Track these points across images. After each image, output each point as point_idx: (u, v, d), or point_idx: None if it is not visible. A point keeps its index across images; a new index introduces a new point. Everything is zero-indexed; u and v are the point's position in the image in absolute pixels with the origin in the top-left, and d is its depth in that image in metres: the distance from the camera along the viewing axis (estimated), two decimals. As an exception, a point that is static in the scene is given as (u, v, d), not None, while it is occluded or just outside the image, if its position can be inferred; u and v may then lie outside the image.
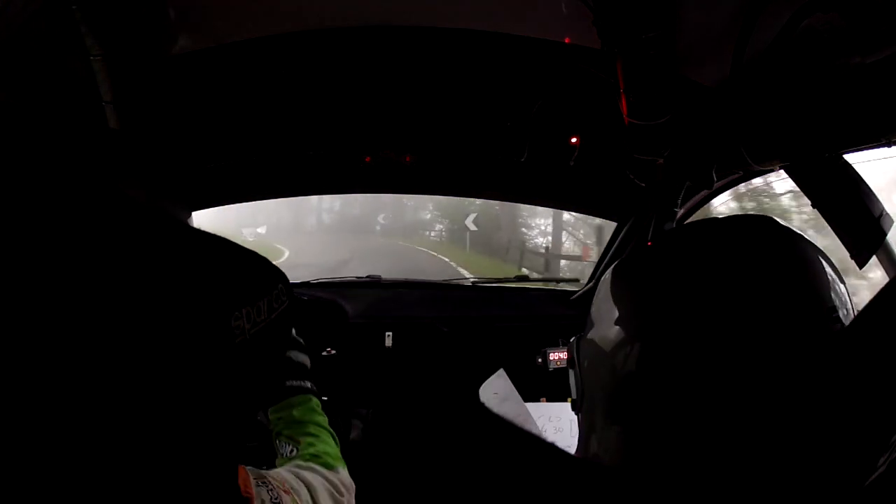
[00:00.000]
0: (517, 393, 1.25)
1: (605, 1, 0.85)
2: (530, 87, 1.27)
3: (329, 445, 0.80)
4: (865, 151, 0.83)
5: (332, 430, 0.85)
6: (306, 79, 1.27)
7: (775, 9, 0.80)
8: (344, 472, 0.75)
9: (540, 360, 1.49)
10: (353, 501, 0.73)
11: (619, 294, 0.51)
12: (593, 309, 0.54)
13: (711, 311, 0.42)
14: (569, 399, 0.61)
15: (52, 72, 1.05)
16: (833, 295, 0.44)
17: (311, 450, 0.77)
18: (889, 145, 0.77)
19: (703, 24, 0.95)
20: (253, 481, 0.54)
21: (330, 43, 1.17)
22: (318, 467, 0.72)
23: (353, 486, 0.75)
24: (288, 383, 0.88)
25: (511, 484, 0.36)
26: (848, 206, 0.88)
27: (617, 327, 0.48)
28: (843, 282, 0.46)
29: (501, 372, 1.27)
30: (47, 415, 0.26)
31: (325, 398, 1.51)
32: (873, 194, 0.89)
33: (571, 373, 0.59)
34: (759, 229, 0.48)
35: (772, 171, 1.04)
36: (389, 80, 1.29)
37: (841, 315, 0.43)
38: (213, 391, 0.32)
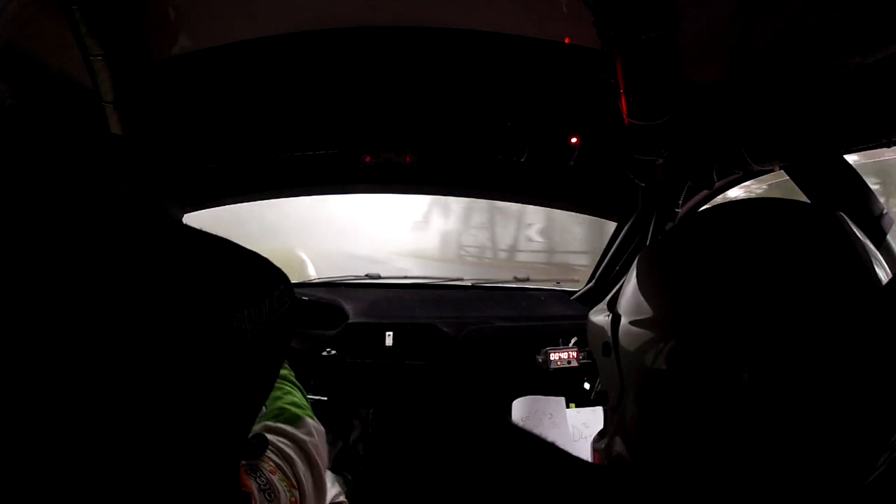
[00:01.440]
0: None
1: (605, 1, 0.85)
2: (530, 87, 1.27)
3: (292, 395, 0.80)
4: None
5: (296, 382, 0.85)
6: (306, 79, 1.27)
7: (775, 9, 0.80)
8: (310, 421, 0.75)
9: (541, 359, 1.49)
10: (325, 443, 0.73)
11: (667, 278, 0.47)
12: (631, 292, 0.50)
13: (769, 298, 0.39)
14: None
15: (53, 73, 1.05)
16: (880, 275, 0.41)
17: (277, 404, 0.77)
18: (889, 145, 0.77)
19: (703, 24, 0.95)
20: (248, 475, 0.54)
21: (330, 43, 1.17)
22: (286, 428, 0.71)
23: (322, 430, 0.75)
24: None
25: (514, 486, 0.36)
26: (848, 206, 0.88)
27: (668, 315, 0.44)
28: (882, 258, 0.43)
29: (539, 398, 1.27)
30: (51, 414, 0.26)
31: (325, 398, 1.51)
32: (873, 194, 0.89)
33: (601, 361, 0.55)
34: (815, 218, 0.45)
35: (772, 171, 1.04)
36: (389, 80, 1.29)
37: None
38: (214, 391, 0.32)
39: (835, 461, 0.34)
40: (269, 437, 0.67)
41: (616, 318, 0.52)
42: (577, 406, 1.28)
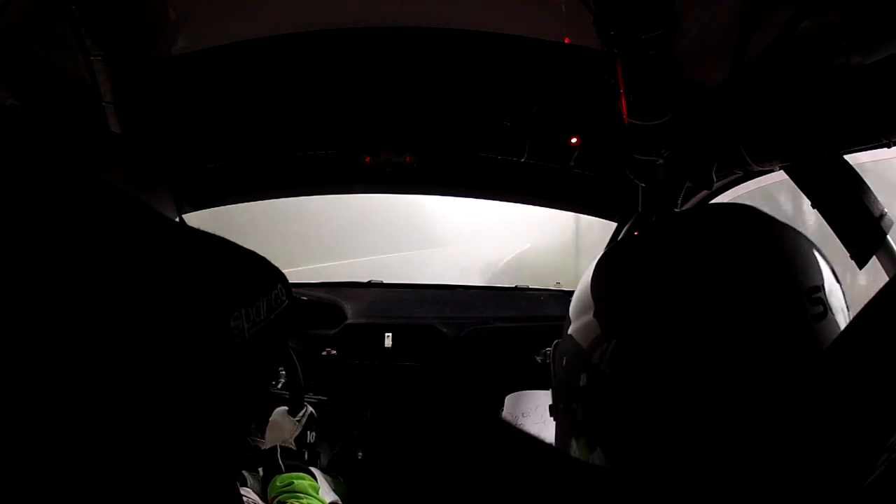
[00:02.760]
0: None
1: (605, 1, 0.84)
2: (530, 87, 1.27)
3: None
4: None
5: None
6: (306, 79, 1.27)
7: (775, 9, 0.80)
8: None
9: (540, 360, 1.48)
10: None
11: (599, 290, 0.48)
12: (571, 307, 0.52)
13: (692, 305, 0.41)
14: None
15: (53, 72, 1.05)
16: (814, 276, 0.42)
17: None
18: (889, 145, 0.77)
19: (703, 24, 0.95)
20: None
21: (330, 43, 1.17)
22: None
23: None
24: (295, 462, 0.98)
25: (512, 486, 0.36)
26: (848, 206, 0.88)
27: (594, 325, 0.46)
28: (829, 264, 0.45)
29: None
30: (44, 418, 0.26)
31: (325, 398, 1.51)
32: (873, 194, 0.88)
33: (551, 380, 0.57)
34: (734, 219, 0.47)
35: (772, 171, 1.04)
36: (390, 81, 1.29)
37: (824, 296, 0.41)
38: (211, 391, 0.32)
39: (834, 461, 0.34)
40: None
41: (560, 331, 0.54)
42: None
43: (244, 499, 0.57)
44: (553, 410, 0.57)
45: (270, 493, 0.91)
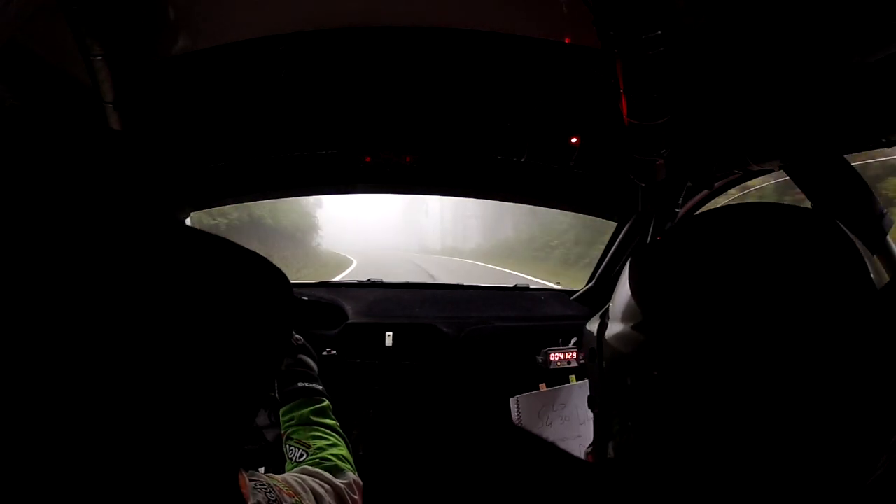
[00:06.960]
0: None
1: (605, 1, 0.84)
2: (530, 87, 1.27)
3: (340, 449, 0.82)
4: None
5: (343, 433, 0.86)
6: (306, 79, 1.27)
7: (775, 9, 0.80)
8: (353, 476, 0.77)
9: (541, 359, 1.49)
10: (361, 500, 0.75)
11: (643, 288, 0.47)
12: (615, 303, 0.51)
13: (741, 307, 0.40)
14: (571, 378, 0.59)
15: (53, 72, 1.05)
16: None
17: (321, 454, 0.78)
18: (889, 145, 0.77)
19: (703, 24, 0.95)
20: (249, 484, 0.54)
21: (330, 43, 1.17)
22: (326, 474, 0.72)
23: (362, 486, 0.77)
24: (300, 384, 0.90)
25: (514, 485, 0.36)
26: (848, 206, 0.88)
27: (640, 327, 0.45)
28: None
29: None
30: (48, 417, 0.26)
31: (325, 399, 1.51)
32: (873, 194, 0.88)
33: (589, 367, 0.57)
34: (796, 222, 0.44)
35: (772, 171, 1.04)
36: (390, 81, 1.29)
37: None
38: (213, 393, 0.32)
39: (835, 462, 0.34)
40: (304, 476, 0.68)
41: (603, 325, 0.53)
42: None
43: (253, 480, 0.56)
44: (592, 402, 0.58)
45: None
